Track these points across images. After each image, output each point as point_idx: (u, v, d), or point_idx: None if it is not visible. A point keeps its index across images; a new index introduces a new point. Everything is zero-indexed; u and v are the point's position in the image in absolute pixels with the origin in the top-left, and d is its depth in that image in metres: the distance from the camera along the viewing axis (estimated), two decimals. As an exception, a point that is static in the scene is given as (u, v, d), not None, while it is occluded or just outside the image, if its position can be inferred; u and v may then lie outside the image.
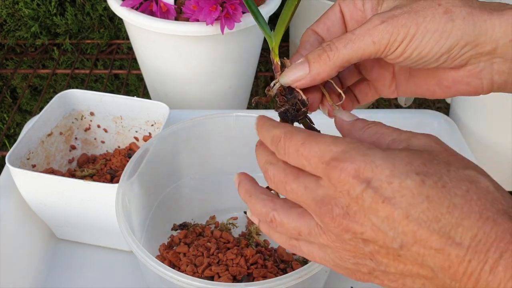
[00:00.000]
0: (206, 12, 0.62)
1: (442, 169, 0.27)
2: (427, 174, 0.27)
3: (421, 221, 0.26)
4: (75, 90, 0.63)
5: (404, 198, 0.26)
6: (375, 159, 0.27)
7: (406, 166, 0.27)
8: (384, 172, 0.27)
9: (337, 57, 0.33)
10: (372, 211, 0.27)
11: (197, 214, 0.61)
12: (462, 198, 0.26)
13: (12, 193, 0.57)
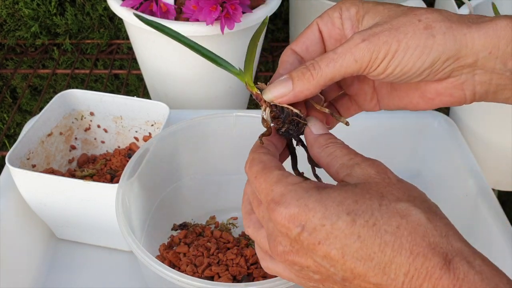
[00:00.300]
0: (206, 12, 0.62)
1: (374, 204, 0.28)
2: (358, 213, 0.28)
3: (356, 260, 0.28)
4: (75, 90, 0.63)
5: (338, 239, 0.28)
6: (308, 202, 0.29)
7: (337, 207, 0.28)
8: (317, 215, 0.28)
9: (320, 76, 0.34)
10: (311, 251, 0.29)
11: (197, 214, 0.61)
12: (392, 235, 0.27)
13: (12, 193, 0.57)
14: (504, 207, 0.60)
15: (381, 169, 0.31)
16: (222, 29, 0.62)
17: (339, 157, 0.33)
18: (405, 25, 0.33)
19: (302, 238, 0.29)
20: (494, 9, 0.67)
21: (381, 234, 0.27)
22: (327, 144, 0.34)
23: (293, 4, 0.80)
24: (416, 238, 0.27)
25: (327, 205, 0.29)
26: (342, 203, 0.29)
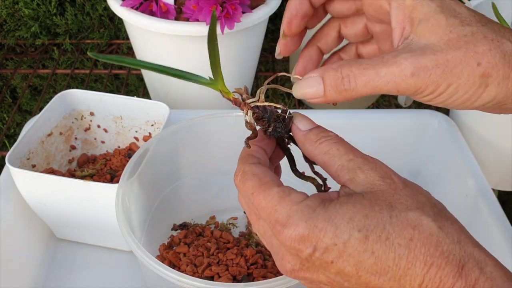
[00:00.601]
0: (206, 12, 0.62)
1: (384, 217, 0.28)
2: (369, 228, 0.28)
3: (370, 275, 0.28)
4: (75, 90, 0.63)
5: (351, 256, 0.28)
6: (317, 222, 0.28)
7: (348, 224, 0.28)
8: (328, 235, 0.28)
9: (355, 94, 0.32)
10: (324, 269, 0.29)
11: (197, 214, 0.61)
12: (406, 248, 0.27)
13: (12, 193, 0.57)
14: (504, 207, 0.60)
15: (385, 173, 0.31)
16: (222, 29, 0.62)
17: (336, 157, 0.32)
18: (461, 66, 0.30)
19: (313, 258, 0.28)
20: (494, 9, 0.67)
21: (394, 248, 0.27)
22: (319, 140, 0.33)
23: (293, 4, 0.80)
24: (430, 248, 0.27)
25: (337, 224, 0.28)
26: (352, 219, 0.28)
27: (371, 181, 0.30)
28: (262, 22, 0.70)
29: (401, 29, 0.32)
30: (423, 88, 0.31)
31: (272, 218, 0.30)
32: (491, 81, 0.30)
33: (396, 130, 0.69)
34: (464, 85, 0.30)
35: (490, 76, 0.30)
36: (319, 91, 0.32)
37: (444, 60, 0.30)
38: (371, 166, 0.31)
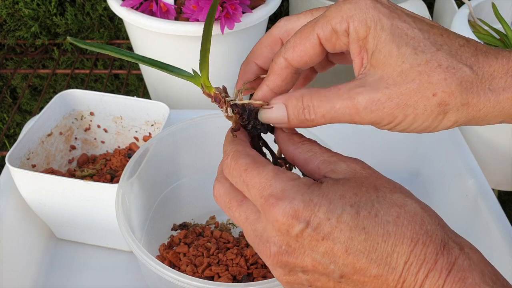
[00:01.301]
0: (206, 12, 0.62)
1: (372, 196, 0.29)
2: (360, 204, 0.28)
3: (359, 253, 0.28)
4: (75, 90, 0.63)
5: (342, 232, 0.28)
6: (312, 197, 0.29)
7: (340, 200, 0.28)
8: (322, 209, 0.28)
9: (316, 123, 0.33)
10: (312, 248, 0.29)
11: (197, 214, 0.61)
12: (394, 225, 0.28)
13: (12, 193, 0.57)
14: (504, 207, 0.60)
15: (366, 165, 0.32)
16: (222, 29, 0.62)
17: (319, 154, 0.32)
18: (416, 97, 0.30)
19: (305, 234, 0.28)
20: (494, 9, 0.67)
21: (383, 224, 0.28)
22: (302, 141, 0.34)
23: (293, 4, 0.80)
24: (415, 226, 0.28)
25: (330, 199, 0.28)
26: (344, 196, 0.29)
27: (353, 169, 0.31)
28: (262, 22, 0.70)
29: (359, 60, 0.32)
30: (378, 120, 0.31)
31: (266, 192, 0.30)
32: (450, 108, 0.30)
33: (396, 130, 0.69)
34: (422, 114, 0.31)
35: (448, 104, 0.30)
36: (284, 118, 0.33)
37: (397, 94, 0.30)
38: (352, 160, 0.32)
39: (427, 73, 0.30)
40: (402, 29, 0.31)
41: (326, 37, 0.32)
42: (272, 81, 0.35)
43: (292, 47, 0.34)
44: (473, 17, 0.70)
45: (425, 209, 0.29)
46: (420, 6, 0.76)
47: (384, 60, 0.31)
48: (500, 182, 0.74)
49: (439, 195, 0.67)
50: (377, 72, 0.31)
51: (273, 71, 0.35)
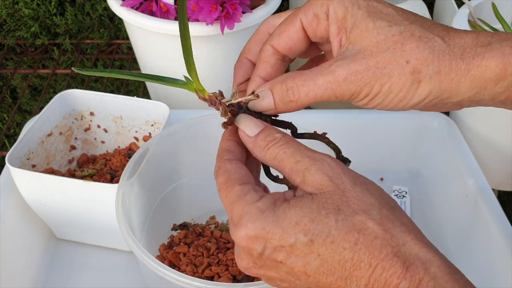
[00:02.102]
0: (206, 12, 0.62)
1: (330, 222, 0.29)
2: (315, 232, 0.29)
3: (319, 274, 0.29)
4: (75, 90, 0.63)
5: (299, 258, 0.29)
6: (265, 224, 0.30)
7: (294, 228, 0.29)
8: (275, 237, 0.29)
9: (300, 103, 0.34)
10: (275, 267, 0.30)
11: (197, 214, 0.61)
12: (351, 251, 0.28)
13: (12, 193, 0.57)
14: (504, 207, 0.60)
15: (334, 173, 0.31)
16: (222, 29, 0.62)
17: (285, 160, 0.32)
18: (391, 65, 0.31)
19: (264, 257, 0.30)
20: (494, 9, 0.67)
21: (339, 251, 0.29)
22: (267, 145, 0.33)
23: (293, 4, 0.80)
24: (374, 251, 0.28)
25: (284, 227, 0.29)
26: (298, 223, 0.29)
27: (320, 181, 0.31)
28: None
29: (338, 41, 0.34)
30: (358, 91, 0.32)
31: (229, 216, 0.32)
32: (423, 77, 0.31)
33: (396, 130, 0.69)
34: (397, 83, 0.31)
35: (421, 72, 0.31)
36: (270, 103, 0.35)
37: (374, 63, 0.31)
38: (317, 166, 0.31)
39: (401, 42, 0.31)
40: (377, 7, 0.33)
41: (308, 22, 0.34)
42: (262, 69, 0.36)
43: (277, 34, 0.36)
44: (473, 17, 0.70)
45: (388, 230, 0.29)
46: (420, 6, 0.76)
47: (361, 34, 0.32)
48: (500, 182, 0.74)
49: (439, 195, 0.67)
50: (355, 47, 0.32)
51: (261, 59, 0.36)
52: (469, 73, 0.31)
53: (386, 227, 0.29)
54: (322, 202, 0.30)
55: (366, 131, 0.69)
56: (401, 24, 0.32)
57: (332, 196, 0.30)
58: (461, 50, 0.31)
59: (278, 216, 0.30)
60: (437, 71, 0.31)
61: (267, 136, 0.34)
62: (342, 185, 0.30)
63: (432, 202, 0.67)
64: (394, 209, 0.30)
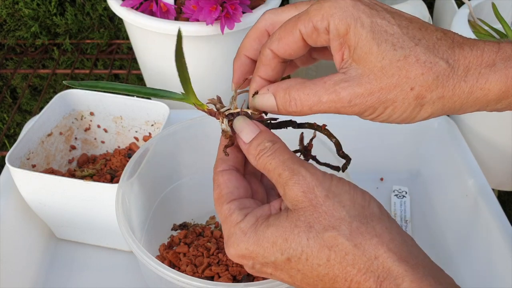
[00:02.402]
0: (206, 12, 0.62)
1: (303, 241, 0.30)
2: (289, 251, 0.31)
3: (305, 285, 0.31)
4: (75, 90, 0.63)
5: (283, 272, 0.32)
6: (248, 245, 0.32)
7: (272, 248, 0.31)
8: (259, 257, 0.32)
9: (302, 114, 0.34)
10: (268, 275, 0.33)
11: (197, 214, 0.61)
12: (325, 268, 0.30)
13: (12, 193, 0.57)
14: (504, 207, 0.60)
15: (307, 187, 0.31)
16: (222, 29, 0.62)
17: (271, 172, 0.33)
18: (395, 91, 0.32)
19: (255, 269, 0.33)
20: (494, 9, 0.67)
21: (315, 267, 0.30)
22: (258, 155, 0.34)
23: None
24: (347, 267, 0.29)
25: (264, 247, 0.32)
26: (275, 243, 0.31)
27: (295, 197, 0.32)
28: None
29: (340, 56, 0.34)
30: (361, 112, 0.33)
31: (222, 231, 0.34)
32: (426, 101, 0.32)
33: (396, 131, 0.69)
34: (400, 107, 0.32)
35: (424, 98, 0.32)
36: (274, 107, 0.35)
37: (378, 88, 0.32)
38: (295, 180, 0.32)
39: (406, 68, 0.31)
40: (382, 26, 0.32)
41: (307, 33, 0.34)
42: (263, 71, 0.37)
43: (277, 39, 0.35)
44: (473, 17, 0.70)
45: (358, 245, 0.29)
46: (420, 6, 0.76)
47: (366, 57, 0.32)
48: (500, 182, 0.74)
49: (439, 195, 0.67)
50: (359, 67, 0.32)
51: (262, 62, 0.37)
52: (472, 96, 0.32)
53: (357, 241, 0.30)
54: (295, 220, 0.31)
55: (366, 131, 0.69)
56: (406, 47, 0.32)
57: (305, 213, 0.31)
58: (465, 72, 0.32)
59: (258, 236, 0.32)
60: (440, 96, 0.32)
61: (259, 144, 0.34)
62: (315, 199, 0.31)
63: (432, 202, 0.67)
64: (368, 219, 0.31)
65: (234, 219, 0.33)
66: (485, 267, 0.55)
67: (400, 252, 0.29)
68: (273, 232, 0.31)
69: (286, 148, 0.34)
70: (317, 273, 0.30)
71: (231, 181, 0.35)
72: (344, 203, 0.31)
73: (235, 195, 0.35)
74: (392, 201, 0.68)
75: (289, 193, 0.32)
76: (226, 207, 0.34)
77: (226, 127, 0.36)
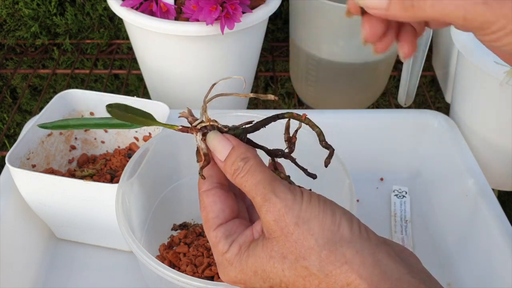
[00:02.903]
0: (206, 12, 0.61)
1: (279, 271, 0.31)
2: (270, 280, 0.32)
3: None
4: (75, 90, 0.63)
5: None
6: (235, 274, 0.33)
7: (254, 277, 0.32)
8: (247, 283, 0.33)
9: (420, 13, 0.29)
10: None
11: (197, 214, 0.60)
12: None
13: (12, 193, 0.57)
14: (504, 207, 0.60)
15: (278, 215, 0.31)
16: (222, 29, 0.62)
17: (247, 193, 0.33)
18: None
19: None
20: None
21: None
22: (234, 174, 0.34)
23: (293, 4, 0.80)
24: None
25: (248, 275, 0.33)
26: (256, 272, 0.32)
27: (268, 225, 0.31)
28: (262, 22, 0.70)
29: None
30: (492, 21, 0.27)
31: None
32: None
33: (396, 130, 0.69)
34: None
35: None
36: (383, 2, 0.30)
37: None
38: (266, 208, 0.31)
39: None
40: None
41: None
42: None
43: None
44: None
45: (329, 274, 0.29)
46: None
47: None
48: (500, 182, 0.74)
49: (439, 195, 0.67)
50: None
51: None
52: None
53: (327, 271, 0.29)
54: (269, 250, 0.31)
55: (366, 131, 0.69)
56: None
57: (278, 242, 0.31)
58: None
59: (242, 266, 0.33)
60: None
61: (233, 163, 0.34)
62: (286, 228, 0.31)
63: (432, 202, 0.67)
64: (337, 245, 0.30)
65: (221, 249, 0.34)
66: (485, 267, 0.55)
67: (371, 277, 0.29)
68: (253, 262, 0.32)
69: (260, 165, 0.33)
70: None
71: (216, 203, 0.35)
72: (313, 230, 0.30)
73: (221, 219, 0.35)
74: (392, 201, 0.68)
75: (263, 219, 0.32)
76: (213, 234, 0.34)
77: (200, 144, 0.35)
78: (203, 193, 0.36)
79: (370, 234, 0.31)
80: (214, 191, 0.35)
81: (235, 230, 0.34)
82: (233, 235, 0.34)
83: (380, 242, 0.31)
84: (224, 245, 0.34)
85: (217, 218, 0.35)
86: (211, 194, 0.35)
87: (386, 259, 0.29)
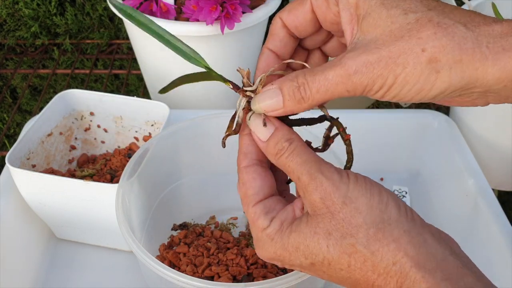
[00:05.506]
0: (206, 12, 0.62)
1: (323, 247, 0.31)
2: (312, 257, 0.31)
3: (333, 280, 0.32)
4: (75, 90, 0.63)
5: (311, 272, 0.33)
6: (276, 249, 0.33)
7: (296, 252, 0.32)
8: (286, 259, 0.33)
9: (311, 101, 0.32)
10: None
11: (197, 214, 0.61)
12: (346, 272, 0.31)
13: (12, 193, 0.57)
14: (504, 207, 0.60)
15: (325, 194, 0.31)
16: (222, 29, 0.62)
17: (291, 174, 0.33)
18: (405, 55, 0.28)
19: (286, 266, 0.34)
20: (494, 9, 0.67)
21: (337, 271, 0.31)
22: (277, 154, 0.33)
23: (293, 4, 0.81)
24: (367, 272, 0.30)
25: (289, 251, 0.32)
26: (298, 248, 0.32)
27: (314, 203, 0.31)
28: (262, 22, 0.70)
29: (350, 29, 0.32)
30: (371, 84, 0.30)
31: None
32: (441, 66, 0.28)
33: (396, 130, 0.69)
34: (412, 74, 0.29)
35: (439, 61, 0.28)
36: (279, 103, 0.33)
37: (386, 52, 0.29)
38: (313, 186, 0.31)
39: (416, 29, 0.29)
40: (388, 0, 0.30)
41: (317, 4, 0.33)
42: (271, 42, 0.36)
43: (288, 9, 0.35)
44: (473, 17, 0.70)
45: (375, 252, 0.29)
46: None
47: (374, 23, 0.30)
48: (500, 182, 0.74)
49: (439, 195, 0.67)
50: (367, 37, 0.30)
51: (271, 32, 0.36)
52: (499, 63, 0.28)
53: (374, 248, 0.29)
54: (314, 227, 0.31)
55: (366, 131, 0.69)
56: (418, 11, 0.29)
57: (324, 219, 0.31)
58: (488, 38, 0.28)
59: (284, 242, 0.32)
60: (458, 60, 0.28)
61: (276, 143, 0.33)
62: (332, 206, 0.31)
63: (432, 202, 0.67)
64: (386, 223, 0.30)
65: (261, 224, 0.33)
66: (485, 267, 0.55)
67: (418, 256, 0.29)
68: (296, 238, 0.32)
69: (304, 147, 0.33)
70: (341, 276, 0.31)
71: (256, 180, 0.34)
72: (361, 209, 0.30)
73: (260, 195, 0.34)
74: (392, 201, 0.68)
75: (308, 198, 0.31)
76: (252, 210, 0.34)
77: (240, 111, 0.35)
78: (243, 168, 0.35)
79: (415, 216, 0.31)
80: (254, 168, 0.35)
81: (274, 207, 0.34)
82: (272, 212, 0.34)
83: (425, 224, 0.31)
84: (264, 221, 0.33)
85: (257, 194, 0.34)
86: (251, 170, 0.35)
87: (431, 240, 0.30)
